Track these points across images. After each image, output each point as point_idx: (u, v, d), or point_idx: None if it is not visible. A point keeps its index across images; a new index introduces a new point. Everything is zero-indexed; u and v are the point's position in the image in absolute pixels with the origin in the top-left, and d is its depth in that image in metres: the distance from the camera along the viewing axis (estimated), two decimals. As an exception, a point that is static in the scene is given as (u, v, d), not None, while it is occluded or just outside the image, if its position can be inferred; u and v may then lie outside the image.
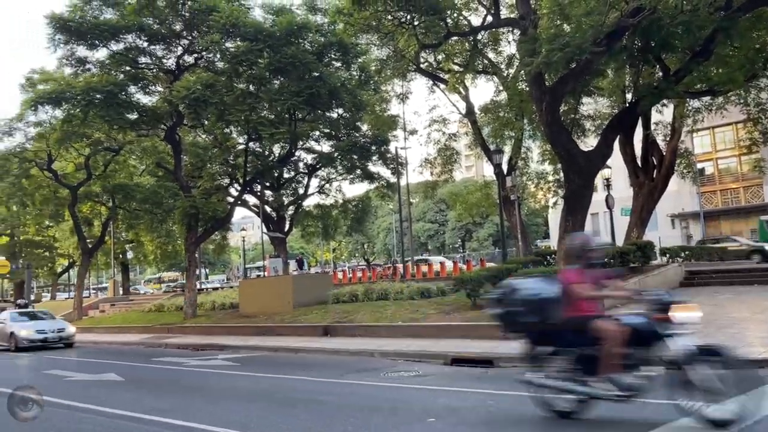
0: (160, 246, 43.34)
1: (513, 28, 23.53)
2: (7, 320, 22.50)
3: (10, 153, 31.81)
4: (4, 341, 21.77)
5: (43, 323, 22.32)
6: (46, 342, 21.01)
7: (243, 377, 11.77)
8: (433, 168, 33.44)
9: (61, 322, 23.15)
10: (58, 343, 21.21)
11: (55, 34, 21.29)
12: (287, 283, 22.42)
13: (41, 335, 21.13)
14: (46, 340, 21.05)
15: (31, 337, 21.02)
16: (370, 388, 9.56)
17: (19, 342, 20.97)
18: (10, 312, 23.97)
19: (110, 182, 33.25)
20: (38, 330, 21.31)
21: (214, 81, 21.94)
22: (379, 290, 20.11)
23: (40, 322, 22.37)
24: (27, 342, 20.89)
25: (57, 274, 62.93)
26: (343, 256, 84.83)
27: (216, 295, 28.45)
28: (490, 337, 12.96)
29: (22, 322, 22.11)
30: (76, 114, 22.73)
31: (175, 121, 24.17)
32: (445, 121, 32.12)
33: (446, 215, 73.46)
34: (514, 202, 27.63)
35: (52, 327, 21.88)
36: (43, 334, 21.17)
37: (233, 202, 29.54)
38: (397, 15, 20.86)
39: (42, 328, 21.55)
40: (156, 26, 22.23)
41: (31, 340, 20.97)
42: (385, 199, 38.86)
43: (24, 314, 23.58)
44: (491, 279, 15.70)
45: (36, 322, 22.27)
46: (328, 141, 29.89)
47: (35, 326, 21.68)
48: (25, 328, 21.52)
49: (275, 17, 22.30)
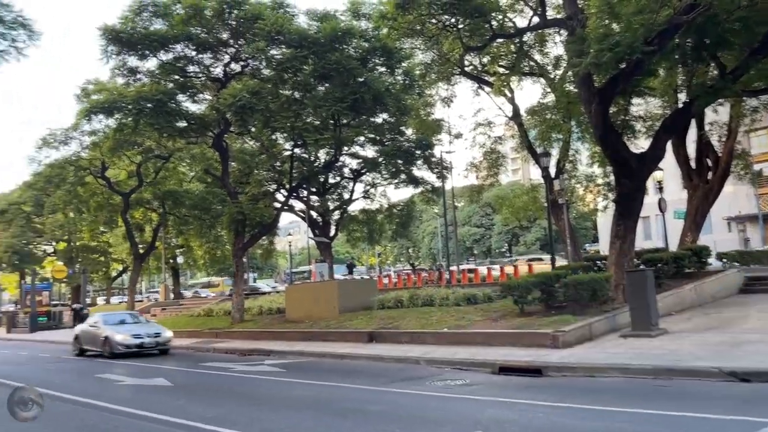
0: (209, 251, 44.13)
1: (560, 29, 23.06)
2: (99, 323, 20.80)
3: (67, 161, 32.89)
4: (97, 346, 20.16)
5: (138, 327, 20.48)
6: (142, 348, 19.25)
7: (290, 384, 11.78)
8: (479, 171, 33.02)
9: (156, 326, 21.63)
10: (154, 349, 19.51)
11: (108, 46, 21.85)
12: (332, 289, 22.46)
13: (137, 340, 19.28)
14: (142, 346, 19.25)
15: (127, 342, 19.15)
16: (417, 398, 9.42)
17: (114, 347, 19.14)
18: (102, 315, 22.50)
19: (161, 189, 34.03)
20: (134, 335, 19.42)
21: (260, 88, 22.19)
22: (424, 296, 19.93)
23: (135, 326, 20.56)
24: (123, 348, 19.05)
25: (111, 278, 64.84)
26: (388, 260, 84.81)
27: (263, 300, 28.73)
28: (538, 345, 12.71)
29: (117, 326, 20.30)
30: (127, 123, 23.32)
31: (223, 129, 24.55)
32: (490, 124, 31.68)
33: (492, 219, 72.69)
34: (562, 206, 27.05)
35: (148, 331, 20.04)
36: (139, 339, 19.33)
37: (280, 208, 29.81)
38: (441, 18, 20.69)
39: (138, 332, 19.67)
40: (203, 35, 22.60)
41: (127, 345, 19.11)
42: (430, 204, 38.64)
43: (115, 317, 22.00)
44: (539, 285, 15.38)
45: (131, 326, 20.46)
46: (372, 146, 29.91)
47: (131, 330, 19.82)
48: (121, 332, 19.59)
49: (320, 24, 22.43)
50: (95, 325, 20.88)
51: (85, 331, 21.45)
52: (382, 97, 22.76)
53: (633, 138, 25.40)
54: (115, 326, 20.21)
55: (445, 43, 23.17)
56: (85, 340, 21.17)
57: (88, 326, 21.44)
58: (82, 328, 22.03)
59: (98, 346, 19.93)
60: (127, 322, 20.99)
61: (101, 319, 21.30)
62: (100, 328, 20.37)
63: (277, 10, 22.09)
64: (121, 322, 20.86)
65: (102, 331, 20.00)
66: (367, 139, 29.07)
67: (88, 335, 21.00)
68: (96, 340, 20.17)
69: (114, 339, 19.22)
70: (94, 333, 20.53)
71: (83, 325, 22.18)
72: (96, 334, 20.31)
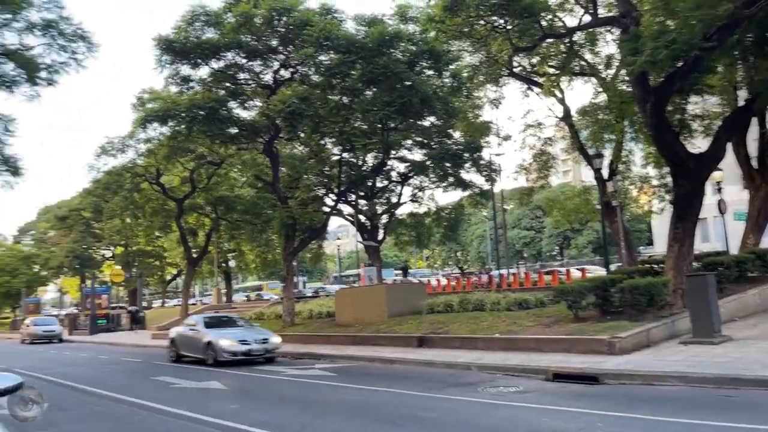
0: (260, 255, 44.82)
1: (611, 27, 22.54)
2: (199, 327, 18.57)
3: (124, 168, 33.91)
4: (197, 353, 18.03)
5: (243, 331, 18.23)
6: (249, 355, 17.06)
7: (341, 389, 11.79)
8: (529, 174, 32.55)
9: (262, 330, 19.06)
10: (261, 357, 17.43)
11: (162, 55, 22.43)
12: (381, 293, 22.45)
13: (244, 346, 17.04)
14: (249, 353, 17.05)
15: (233, 349, 16.95)
16: (470, 405, 9.29)
17: (219, 354, 16.97)
18: (201, 316, 20.60)
19: (213, 194, 34.72)
20: (241, 340, 17.18)
21: (308, 94, 22.40)
22: (474, 301, 19.71)
23: (239, 330, 18.39)
24: (228, 355, 16.86)
25: (166, 281, 66.60)
26: (437, 264, 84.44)
27: (313, 304, 28.98)
28: (594, 351, 12.39)
29: (219, 329, 18.14)
30: (181, 130, 23.89)
31: (273, 134, 24.88)
32: (540, 126, 31.18)
33: (542, 222, 71.52)
34: (616, 208, 26.39)
35: (256, 336, 17.79)
36: (247, 345, 17.08)
37: (328, 212, 30.03)
38: (489, 20, 20.46)
39: (245, 337, 17.42)
40: (253, 43, 22.96)
41: (234, 352, 16.92)
42: (479, 207, 38.30)
43: (216, 318, 20.24)
44: (594, 290, 15.00)
45: (235, 330, 18.31)
46: (420, 149, 29.84)
47: (236, 335, 17.60)
48: (226, 336, 17.34)
49: (367, 28, 22.49)
50: (194, 328, 18.75)
51: (182, 335, 19.35)
52: (430, 100, 22.67)
53: (689, 137, 24.63)
54: (218, 330, 18.08)
55: (493, 44, 22.91)
56: (182, 344, 19.16)
57: (186, 329, 19.38)
58: (178, 331, 19.92)
59: (199, 353, 17.88)
60: (229, 325, 18.98)
61: (200, 320, 19.26)
62: (200, 331, 18.24)
63: (325, 16, 22.27)
64: (222, 325, 18.85)
65: (203, 335, 17.84)
66: (415, 142, 29.03)
67: (186, 339, 18.96)
68: (196, 345, 18.10)
69: (219, 345, 17.05)
70: (193, 337, 18.42)
71: (180, 328, 20.19)
72: (196, 338, 18.20)
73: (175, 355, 19.39)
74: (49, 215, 65.63)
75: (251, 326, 19.61)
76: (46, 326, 38.69)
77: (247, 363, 16.67)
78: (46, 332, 37.59)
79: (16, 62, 20.48)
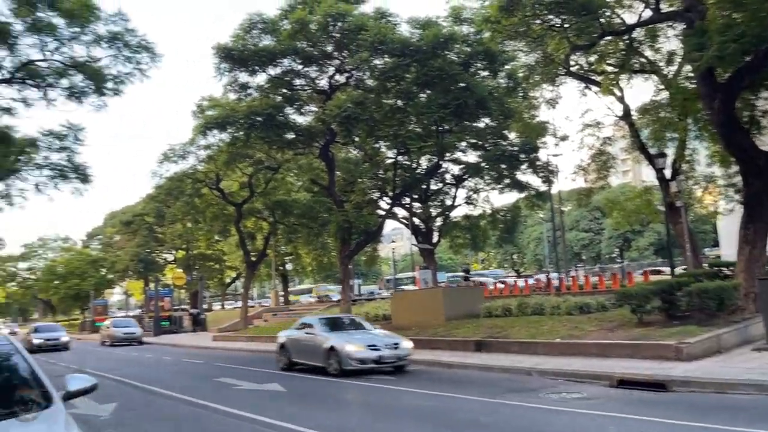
0: (316, 258, 45.37)
1: (674, 22, 21.83)
2: (317, 329, 15.93)
3: (185, 174, 34.95)
4: (315, 359, 15.44)
5: (369, 335, 15.50)
6: (380, 363, 14.34)
7: (401, 393, 11.77)
8: (587, 174, 31.84)
9: (388, 334, 16.16)
10: (392, 365, 14.58)
11: (221, 63, 23.00)
12: (437, 296, 22.36)
13: (374, 353, 14.34)
14: (380, 361, 14.34)
15: (362, 356, 14.23)
16: (532, 411, 9.13)
17: (345, 362, 14.28)
18: (317, 318, 17.50)
19: (270, 199, 35.38)
20: (370, 345, 14.47)
21: (363, 98, 22.55)
22: (533, 304, 19.40)
23: (364, 334, 15.66)
24: (356, 363, 14.15)
25: (225, 284, 68.09)
26: (492, 266, 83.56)
27: (369, 306, 29.11)
28: (660, 357, 12.00)
29: (341, 333, 15.66)
30: (239, 137, 24.44)
31: (329, 139, 25.14)
32: (598, 125, 30.44)
33: (602, 223, 69.86)
34: (680, 209, 25.51)
35: (385, 341, 14.96)
36: (376, 352, 14.37)
37: (383, 215, 30.13)
38: (546, 19, 20.13)
39: (373, 342, 14.69)
40: (309, 49, 23.27)
41: (362, 359, 14.21)
42: (535, 209, 37.71)
43: (335, 320, 17.37)
44: (659, 293, 14.53)
45: (359, 334, 15.64)
46: (474, 151, 29.61)
47: (363, 339, 14.94)
48: (351, 341, 14.68)
49: (422, 31, 22.47)
50: (311, 331, 16.04)
51: (295, 339, 16.66)
52: (485, 101, 22.49)
53: (758, 134, 23.61)
54: (340, 333, 15.62)
55: (550, 43, 22.51)
56: (296, 350, 16.50)
57: (300, 332, 16.69)
58: (289, 335, 17.09)
59: (318, 360, 15.27)
60: (350, 328, 16.41)
61: (317, 322, 16.52)
62: (318, 335, 15.61)
63: (380, 21, 22.37)
64: (342, 328, 16.34)
65: (323, 340, 15.24)
66: (469, 144, 28.82)
67: (300, 344, 16.33)
68: (314, 351, 15.47)
69: (344, 351, 14.36)
70: (310, 342, 15.83)
71: (292, 331, 17.28)
72: (314, 343, 15.59)
73: (287, 362, 16.64)
74: (114, 220, 68.20)
75: (375, 329, 16.76)
76: (126, 328, 37.35)
77: (375, 372, 14.21)
78: (126, 334, 36.23)
79: (84, 74, 21.42)
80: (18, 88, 21.79)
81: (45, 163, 25.73)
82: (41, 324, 43.74)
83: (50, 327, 38.00)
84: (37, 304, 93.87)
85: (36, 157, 25.88)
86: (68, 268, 73.90)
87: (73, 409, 4.47)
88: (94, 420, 9.93)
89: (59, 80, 21.41)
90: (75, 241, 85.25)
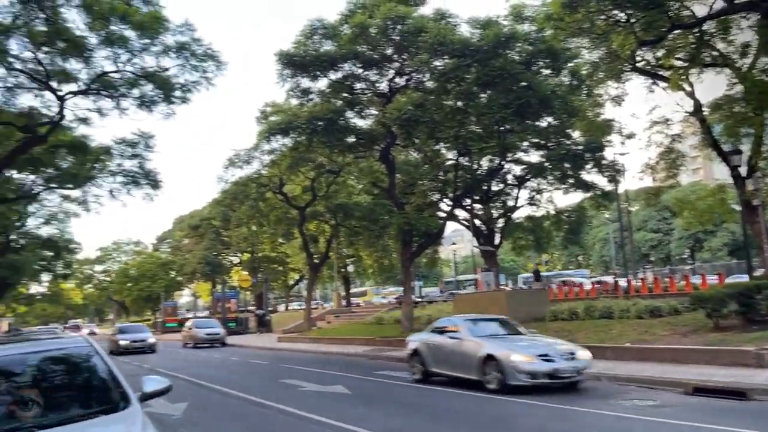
0: (378, 260, 45.57)
1: (749, 13, 20.86)
2: (465, 333, 12.94)
3: (249, 179, 35.77)
4: (465, 371, 12.46)
5: (536, 342, 12.44)
6: (555, 378, 11.33)
7: (465, 397, 11.65)
8: (655, 173, 30.79)
9: (561, 342, 12.82)
10: (569, 381, 11.48)
11: (283, 70, 23.46)
12: (501, 299, 22.08)
13: (548, 365, 11.33)
14: (555, 375, 11.32)
15: (532, 368, 11.26)
16: (603, 418, 8.87)
17: (510, 376, 11.30)
18: (464, 318, 14.22)
19: (332, 202, 35.77)
20: (542, 355, 11.46)
21: (423, 100, 22.53)
22: (601, 308, 18.89)
23: (530, 340, 12.59)
24: (526, 377, 11.22)
25: (289, 286, 69.27)
26: (556, 268, 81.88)
27: (431, 309, 29.01)
28: (739, 363, 11.47)
29: (498, 339, 12.55)
30: (302, 141, 24.86)
31: (389, 142, 25.23)
32: (667, 122, 29.39)
33: (671, 223, 67.38)
34: (757, 208, 24.32)
35: (559, 350, 11.86)
36: (551, 364, 11.34)
37: (444, 217, 29.97)
38: (611, 14, 19.60)
39: (545, 351, 11.64)
40: (369, 52, 23.44)
41: (533, 372, 11.24)
42: (601, 209, 36.72)
43: (485, 324, 13.60)
44: (736, 296, 13.88)
45: (524, 341, 12.52)
46: (536, 151, 29.10)
47: (531, 347, 11.90)
48: (517, 349, 11.66)
49: (482, 31, 22.28)
50: (456, 335, 13.15)
51: (434, 345, 13.77)
52: (548, 100, 22.09)
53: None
54: (497, 339, 12.58)
55: (615, 39, 21.91)
56: (435, 358, 13.66)
57: (440, 336, 13.79)
58: (427, 339, 14.21)
59: (468, 371, 12.35)
60: (505, 332, 13.21)
61: (464, 324, 13.39)
62: (467, 339, 12.72)
63: (439, 22, 22.31)
64: (496, 331, 13.14)
65: (476, 346, 12.30)
66: (531, 143, 28.33)
67: (442, 351, 13.43)
68: (463, 360, 12.59)
69: (510, 362, 11.38)
70: (455, 348, 12.91)
71: (429, 335, 14.41)
72: (462, 350, 12.71)
73: (422, 372, 13.98)
74: (183, 224, 70.60)
75: (537, 334, 13.78)
76: (208, 329, 35.21)
77: (550, 389, 11.28)
78: (209, 335, 34.18)
79: (154, 83, 22.24)
80: (93, 98, 22.89)
81: (118, 170, 26.94)
82: (126, 324, 42.48)
83: (135, 328, 36.11)
84: (111, 305, 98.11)
85: (110, 164, 27.12)
86: (140, 270, 77.01)
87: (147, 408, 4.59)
88: (167, 419, 10.26)
89: (131, 90, 22.32)
90: (146, 245, 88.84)
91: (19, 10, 19.27)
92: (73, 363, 4.99)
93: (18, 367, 4.69)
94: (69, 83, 21.96)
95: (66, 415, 4.29)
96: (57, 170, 26.97)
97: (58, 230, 42.39)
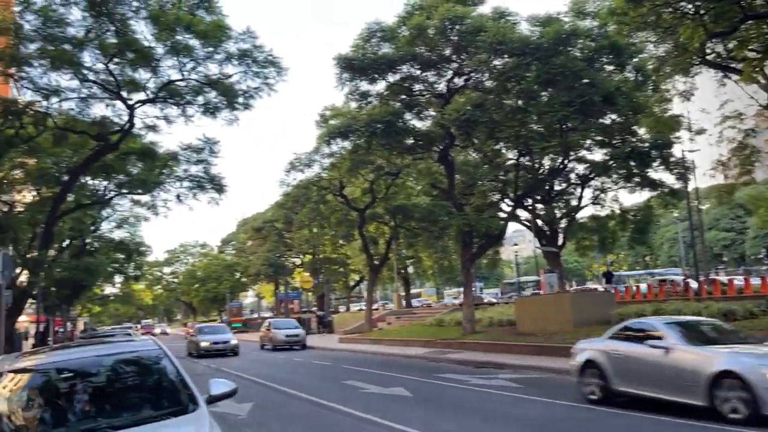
0: (437, 261, 45.44)
1: (829, -2, 19.71)
2: (672, 339, 9.73)
3: (310, 182, 36.33)
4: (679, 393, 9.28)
5: None
6: None
7: (528, 402, 11.48)
8: (727, 170, 29.53)
9: None
10: None
11: (342, 73, 23.69)
12: (564, 301, 21.64)
13: None
14: None
15: None
16: (680, 428, 8.54)
17: (763, 400, 8.07)
18: (665, 320, 11.03)
19: (391, 204, 35.90)
20: None
21: (482, 100, 22.30)
22: (671, 310, 18.20)
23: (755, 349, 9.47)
24: None
25: (350, 287, 69.87)
26: (623, 269, 79.54)
27: (493, 311, 28.70)
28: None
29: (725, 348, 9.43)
30: (361, 144, 25.06)
31: (448, 143, 25.11)
32: (740, 116, 28.18)
33: (745, 222, 64.43)
34: (840, 205, 23.00)
35: None
36: None
37: (505, 218, 29.57)
38: (678, 6, 18.91)
39: None
40: (427, 54, 23.38)
41: None
42: (669, 208, 35.47)
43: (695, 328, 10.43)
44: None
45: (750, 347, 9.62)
46: (601, 149, 28.33)
47: None
48: None
49: (542, 28, 21.89)
50: (657, 343, 9.91)
51: (622, 356, 10.57)
52: (612, 96, 21.50)
53: None
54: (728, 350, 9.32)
55: (683, 32, 21.11)
56: (622, 372, 10.45)
57: (630, 344, 10.61)
58: (606, 348, 11.04)
59: (685, 393, 9.16)
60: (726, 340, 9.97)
61: (670, 330, 10.03)
62: (681, 349, 9.52)
63: (498, 21, 22.05)
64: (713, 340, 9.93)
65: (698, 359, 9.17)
66: (595, 141, 27.62)
67: (634, 364, 10.27)
68: (676, 377, 9.37)
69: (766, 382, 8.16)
70: (658, 361, 9.73)
71: (607, 342, 11.23)
72: (674, 364, 9.48)
73: (601, 389, 10.79)
74: (246, 227, 72.22)
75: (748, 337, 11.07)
76: (288, 330, 32.47)
77: None
78: (289, 337, 31.53)
79: (218, 90, 22.83)
80: (160, 106, 23.70)
81: (185, 176, 27.81)
82: (205, 325, 39.65)
83: (216, 328, 33.76)
84: (179, 306, 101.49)
85: (177, 170, 28.03)
86: (206, 272, 79.36)
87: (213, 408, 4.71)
88: (233, 419, 10.52)
89: (196, 97, 22.99)
90: (212, 247, 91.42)
91: (91, 24, 20.17)
92: (144, 365, 5.16)
93: (92, 369, 4.87)
94: (138, 92, 22.81)
95: (138, 417, 4.44)
96: (128, 176, 28.05)
97: (129, 234, 44.16)
